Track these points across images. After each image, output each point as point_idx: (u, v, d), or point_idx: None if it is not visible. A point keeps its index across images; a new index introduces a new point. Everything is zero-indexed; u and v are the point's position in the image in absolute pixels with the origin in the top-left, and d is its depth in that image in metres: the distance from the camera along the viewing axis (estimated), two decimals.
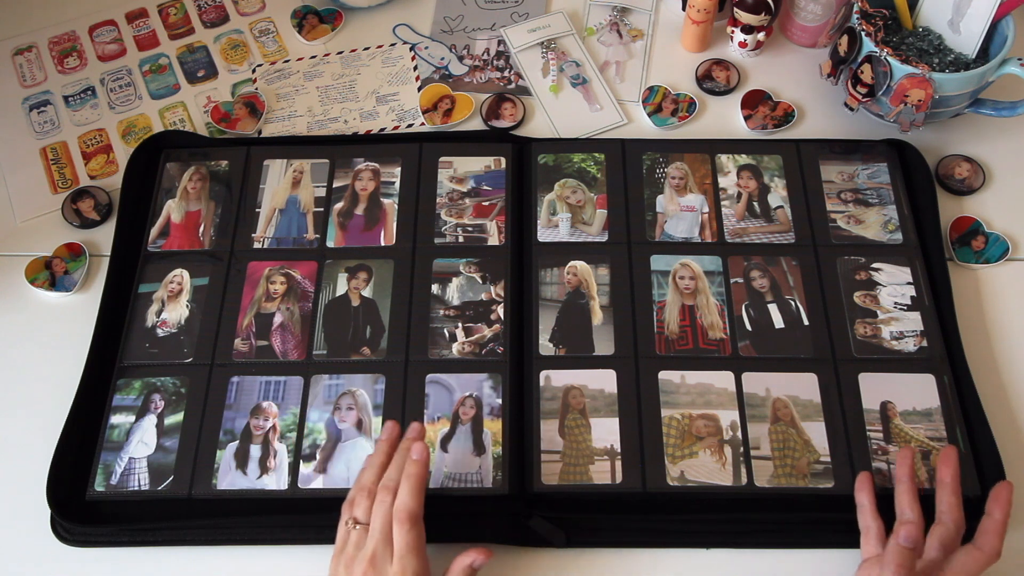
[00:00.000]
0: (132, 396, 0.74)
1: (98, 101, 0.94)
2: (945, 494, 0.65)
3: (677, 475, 0.70)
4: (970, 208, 0.85)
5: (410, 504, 0.62)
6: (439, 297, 0.78)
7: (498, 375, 0.74)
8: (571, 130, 0.90)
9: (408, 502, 0.62)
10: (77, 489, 0.70)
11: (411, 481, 0.63)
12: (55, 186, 0.89)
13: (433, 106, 0.92)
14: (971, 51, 0.84)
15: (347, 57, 0.96)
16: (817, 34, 0.94)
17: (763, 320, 0.77)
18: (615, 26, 0.98)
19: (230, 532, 0.69)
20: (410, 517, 0.62)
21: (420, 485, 0.63)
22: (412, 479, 0.63)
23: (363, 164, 0.86)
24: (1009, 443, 0.72)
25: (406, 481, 0.63)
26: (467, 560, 0.63)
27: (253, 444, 0.72)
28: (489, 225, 0.82)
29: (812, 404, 0.73)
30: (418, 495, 0.63)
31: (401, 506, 0.62)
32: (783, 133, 0.90)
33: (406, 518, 0.62)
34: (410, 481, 0.63)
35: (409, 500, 0.62)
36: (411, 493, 0.62)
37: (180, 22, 1.00)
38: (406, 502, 0.62)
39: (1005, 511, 0.63)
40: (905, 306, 0.77)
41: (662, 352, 0.75)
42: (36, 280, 0.82)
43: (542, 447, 0.71)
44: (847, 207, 0.83)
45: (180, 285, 0.79)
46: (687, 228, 0.82)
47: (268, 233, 0.82)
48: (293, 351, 0.76)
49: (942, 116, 0.86)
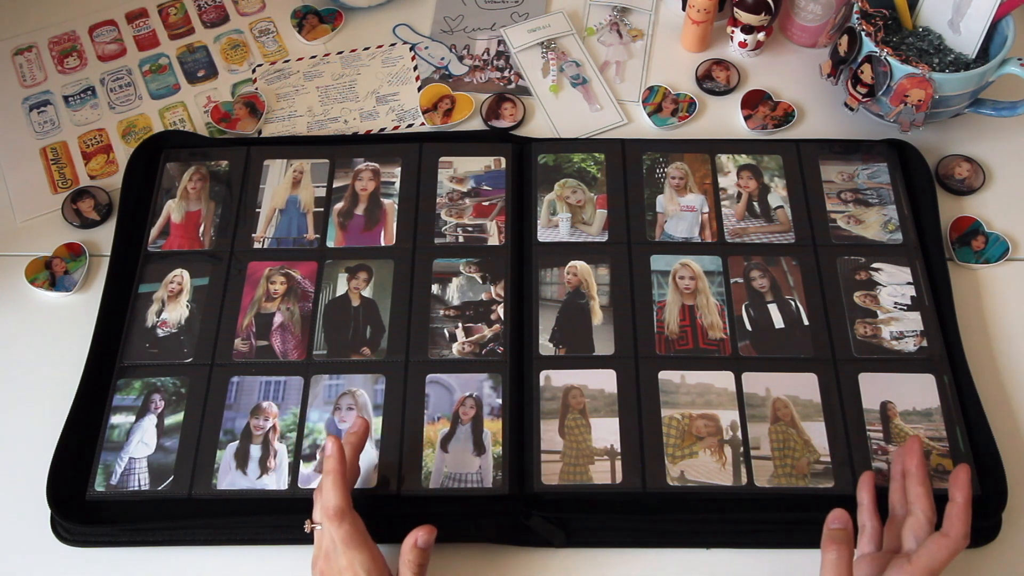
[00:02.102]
0: (132, 396, 0.74)
1: (98, 101, 0.94)
2: (912, 484, 0.64)
3: (677, 475, 0.70)
4: (970, 208, 0.85)
5: (332, 500, 0.62)
6: (439, 297, 0.78)
7: (498, 375, 0.74)
8: (571, 130, 0.90)
9: (329, 498, 0.62)
10: (77, 489, 0.70)
11: (328, 477, 0.63)
12: (55, 186, 0.89)
13: (433, 106, 0.92)
14: (971, 51, 0.84)
15: (347, 57, 0.96)
16: (817, 34, 0.94)
17: (763, 320, 0.77)
18: (615, 26, 0.98)
19: (230, 532, 0.69)
20: (336, 513, 0.61)
21: (338, 479, 0.63)
22: (329, 475, 0.63)
23: (363, 164, 0.86)
24: (1009, 443, 0.72)
25: (324, 479, 0.63)
26: (411, 540, 0.63)
27: (253, 444, 0.72)
28: (489, 225, 0.82)
29: (812, 404, 0.73)
30: (337, 490, 0.62)
31: (326, 504, 0.62)
32: (783, 133, 0.90)
33: (333, 515, 0.61)
34: (328, 478, 0.63)
35: (329, 496, 0.62)
36: (330, 489, 0.62)
37: (180, 22, 1.00)
38: (328, 499, 0.62)
39: (966, 494, 0.62)
40: (905, 306, 0.77)
41: (662, 352, 0.75)
42: (36, 280, 0.82)
43: (542, 447, 0.71)
44: (847, 207, 0.83)
45: (180, 285, 0.79)
46: (687, 228, 0.82)
47: (268, 233, 0.82)
48: (293, 351, 0.76)
49: (942, 116, 0.86)
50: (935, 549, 0.60)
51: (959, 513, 0.61)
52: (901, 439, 0.71)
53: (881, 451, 0.71)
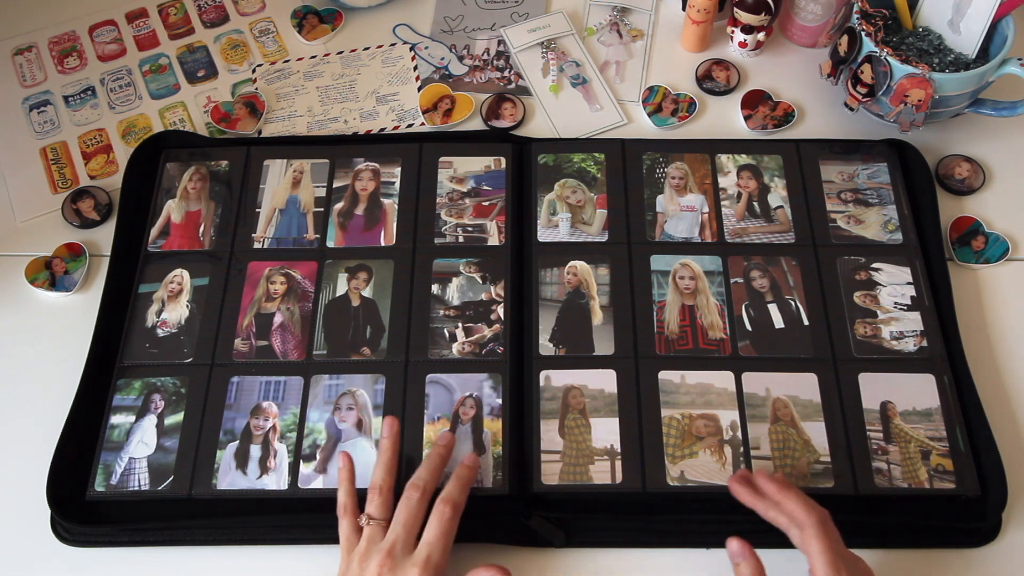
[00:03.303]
0: (132, 396, 0.74)
1: (98, 101, 0.94)
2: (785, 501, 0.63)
3: (677, 475, 0.70)
4: (970, 208, 0.85)
5: (456, 494, 0.65)
6: (439, 297, 0.78)
7: (498, 375, 0.74)
8: (571, 130, 0.90)
9: (455, 492, 0.65)
10: (77, 489, 0.70)
11: (462, 480, 0.66)
12: (55, 186, 0.89)
13: (433, 106, 0.92)
14: (971, 51, 0.84)
15: (347, 57, 0.96)
16: (817, 34, 0.94)
17: (763, 320, 0.77)
18: (615, 26, 0.98)
19: (230, 532, 0.69)
20: (454, 504, 0.64)
21: (468, 484, 0.66)
22: (463, 478, 0.66)
23: (363, 164, 0.86)
24: (1009, 443, 0.72)
25: (457, 479, 0.66)
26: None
27: (253, 444, 0.72)
28: (489, 225, 0.82)
29: (812, 404, 0.73)
30: (465, 491, 0.65)
31: (448, 494, 0.64)
32: (783, 133, 0.90)
33: (450, 503, 0.64)
34: (461, 479, 0.66)
35: (456, 491, 0.65)
36: (460, 487, 0.65)
37: (180, 22, 1.00)
38: (453, 492, 0.65)
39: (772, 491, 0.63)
40: (905, 306, 0.77)
41: (662, 352, 0.75)
42: (36, 280, 0.82)
43: (542, 447, 0.71)
44: (847, 207, 0.83)
45: (180, 285, 0.79)
46: (687, 228, 0.82)
47: (268, 233, 0.82)
48: (293, 351, 0.76)
49: (942, 116, 0.86)
50: (811, 547, 0.59)
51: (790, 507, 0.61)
52: (901, 439, 0.71)
53: (881, 451, 0.71)
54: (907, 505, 0.69)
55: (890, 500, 0.69)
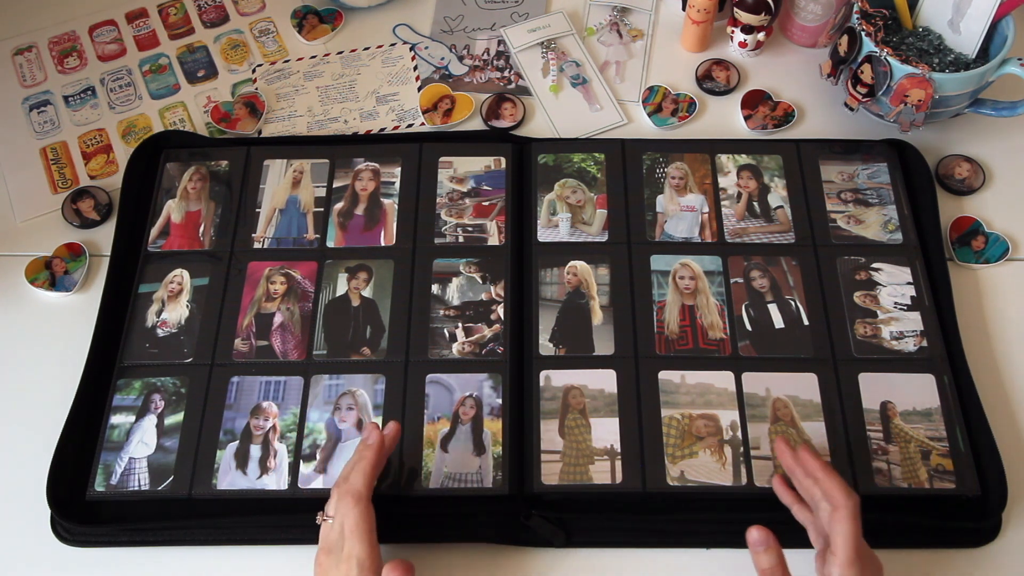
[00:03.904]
0: (132, 396, 0.74)
1: (98, 101, 0.94)
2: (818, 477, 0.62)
3: (677, 475, 0.70)
4: (970, 208, 0.85)
5: (355, 483, 0.62)
6: (439, 297, 0.78)
7: (498, 375, 0.74)
8: (571, 130, 0.90)
9: (353, 481, 0.62)
10: (77, 489, 0.70)
11: (361, 463, 0.63)
12: (55, 186, 0.89)
13: (433, 106, 0.92)
14: (971, 51, 0.84)
15: (347, 57, 0.96)
16: (817, 34, 0.94)
17: (763, 320, 0.77)
18: (615, 26, 0.98)
19: (230, 532, 0.69)
20: (352, 495, 0.62)
21: (369, 467, 0.63)
22: (362, 461, 0.64)
23: (363, 164, 0.86)
24: (1009, 443, 0.72)
25: (356, 463, 0.64)
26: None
27: (253, 444, 0.72)
28: (489, 225, 0.82)
29: (812, 404, 0.73)
30: (364, 476, 0.63)
31: (347, 486, 0.62)
32: (783, 133, 0.90)
33: (348, 496, 0.62)
34: (360, 463, 0.63)
35: (355, 479, 0.62)
36: (359, 472, 0.63)
37: (180, 22, 1.00)
38: (351, 481, 0.62)
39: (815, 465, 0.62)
40: (905, 306, 0.77)
41: (662, 352, 0.75)
42: (36, 280, 0.82)
43: (542, 447, 0.71)
44: (847, 207, 0.83)
45: (180, 285, 0.79)
46: (687, 228, 0.82)
47: (268, 233, 0.82)
48: (293, 351, 0.76)
49: (942, 116, 0.86)
50: (839, 528, 0.59)
51: (828, 485, 0.61)
52: (901, 439, 0.71)
53: (881, 451, 0.71)
54: (907, 505, 0.69)
55: (890, 500, 0.69)
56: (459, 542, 0.68)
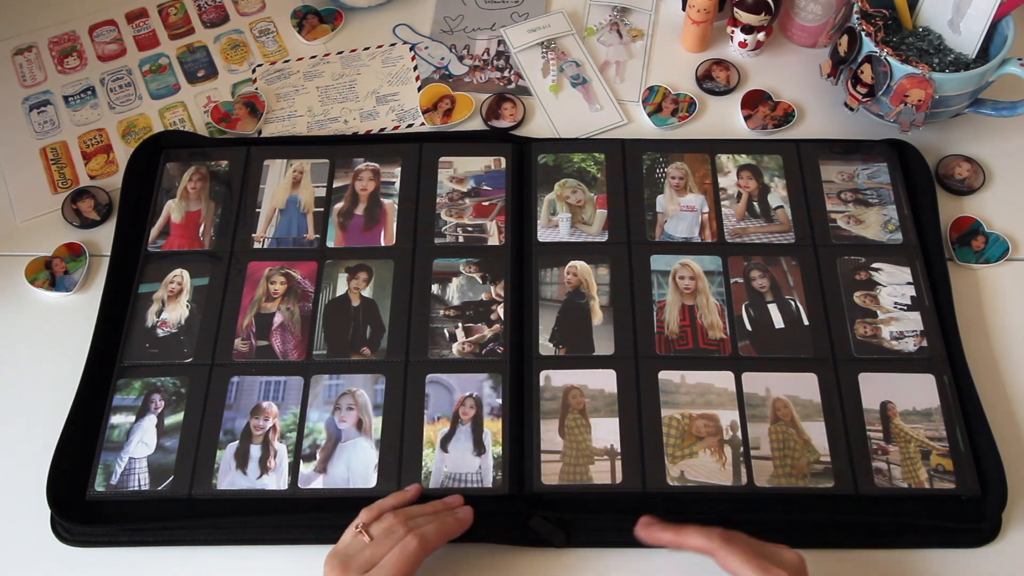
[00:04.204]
0: (132, 396, 0.74)
1: (98, 101, 0.94)
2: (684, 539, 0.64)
3: (677, 475, 0.70)
4: (970, 208, 0.85)
5: (431, 533, 0.63)
6: (439, 297, 0.78)
7: (498, 375, 0.74)
8: (571, 130, 0.90)
9: (431, 531, 0.63)
10: (77, 489, 0.70)
11: (445, 525, 0.64)
12: (55, 186, 0.89)
13: (433, 106, 0.92)
14: (971, 51, 0.84)
15: (347, 57, 0.96)
16: (817, 34, 0.94)
17: (763, 320, 0.77)
18: (615, 26, 0.98)
19: (230, 532, 0.69)
20: (423, 540, 0.62)
21: (448, 533, 0.64)
22: (447, 524, 0.65)
23: (363, 164, 0.86)
24: (1009, 443, 0.72)
25: (441, 521, 0.64)
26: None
27: (253, 444, 0.72)
28: (489, 225, 0.82)
29: (812, 404, 0.73)
30: (440, 536, 0.64)
31: (424, 530, 0.63)
32: (783, 133, 0.90)
33: (419, 537, 0.62)
34: (444, 525, 0.64)
35: (432, 530, 0.63)
36: (438, 530, 0.64)
37: (180, 22, 1.00)
38: (430, 530, 0.63)
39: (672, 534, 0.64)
40: (905, 306, 0.77)
41: (662, 352, 0.75)
42: (36, 280, 0.82)
43: (542, 447, 0.71)
44: (847, 207, 0.83)
45: (180, 285, 0.79)
46: (687, 228, 0.82)
47: (268, 233, 0.82)
48: (293, 351, 0.76)
49: (942, 116, 0.86)
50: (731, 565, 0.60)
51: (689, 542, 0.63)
52: (901, 439, 0.71)
53: (881, 451, 0.71)
54: (907, 505, 0.69)
55: (890, 500, 0.69)
56: (459, 542, 0.68)
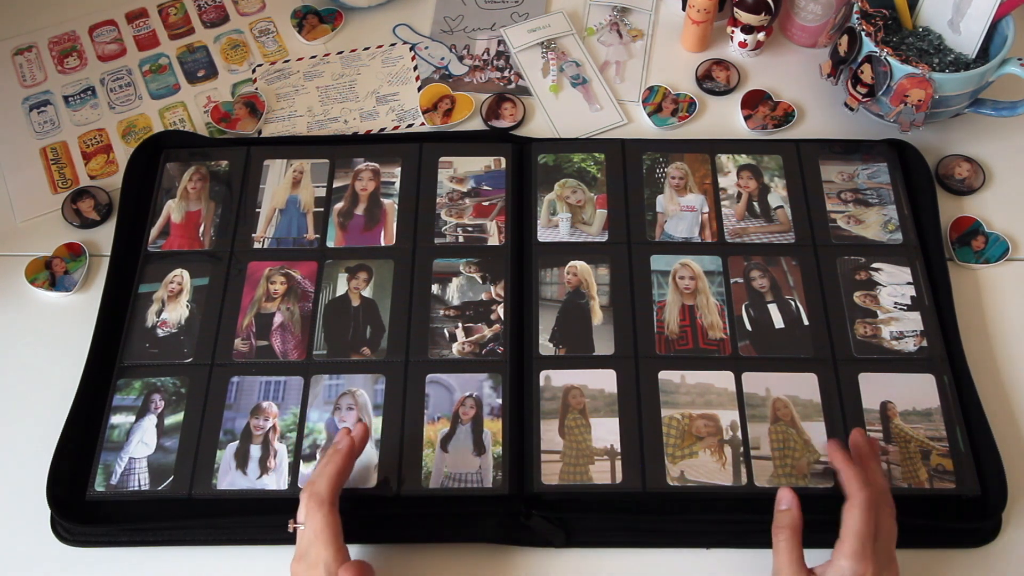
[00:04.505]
0: (132, 396, 0.74)
1: (98, 101, 0.94)
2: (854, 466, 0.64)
3: (677, 475, 0.70)
4: (970, 208, 0.85)
5: (320, 487, 0.62)
6: (439, 297, 0.78)
7: (498, 375, 0.74)
8: (571, 130, 0.90)
9: (319, 485, 0.62)
10: (77, 489, 0.70)
11: (328, 467, 0.63)
12: (55, 186, 0.89)
13: (433, 106, 0.92)
14: (971, 51, 0.84)
15: (347, 57, 0.96)
16: (817, 34, 0.94)
17: (763, 320, 0.77)
18: (615, 26, 0.98)
19: (230, 532, 0.69)
20: (316, 499, 0.62)
21: (335, 472, 0.63)
22: (329, 465, 0.64)
23: (363, 164, 0.86)
24: (1009, 443, 0.72)
25: (324, 467, 0.64)
26: None
27: (253, 444, 0.72)
28: (489, 225, 0.82)
29: (812, 404, 0.73)
30: (330, 481, 0.63)
31: (313, 490, 0.62)
32: (783, 133, 0.90)
33: (312, 500, 0.62)
34: (328, 467, 0.63)
35: (320, 484, 0.62)
36: (325, 478, 0.63)
37: (180, 22, 1.00)
38: (316, 486, 0.62)
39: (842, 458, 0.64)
40: (905, 306, 0.77)
41: (662, 352, 0.75)
42: (36, 280, 0.82)
43: (542, 447, 0.71)
44: (847, 207, 0.83)
45: (180, 285, 0.79)
46: (687, 228, 0.82)
47: (268, 233, 0.82)
48: (293, 351, 0.76)
49: (942, 116, 0.86)
50: (849, 519, 0.60)
51: (846, 478, 0.62)
52: (901, 439, 0.71)
53: (881, 451, 0.70)
54: (907, 505, 0.69)
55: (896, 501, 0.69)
56: (459, 542, 0.68)
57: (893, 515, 0.63)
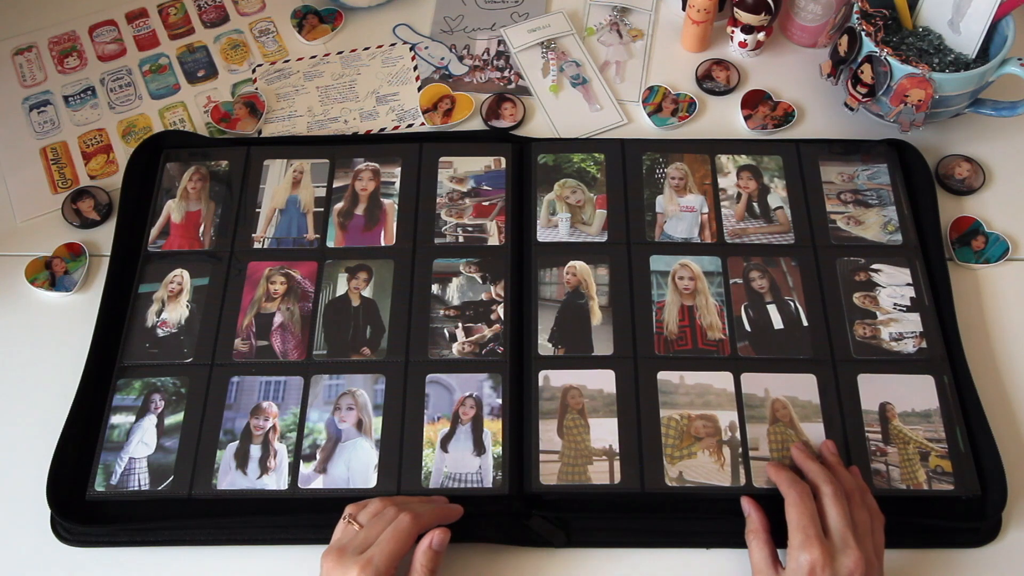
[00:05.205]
0: (132, 396, 0.74)
1: (98, 101, 0.94)
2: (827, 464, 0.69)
3: (675, 475, 0.70)
4: (970, 208, 0.85)
5: (425, 513, 0.64)
6: (439, 297, 0.78)
7: (498, 375, 0.74)
8: (571, 130, 0.90)
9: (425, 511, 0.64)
10: (77, 489, 0.70)
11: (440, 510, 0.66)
12: (55, 186, 0.89)
13: (433, 106, 0.92)
14: (971, 51, 0.84)
15: (347, 57, 0.96)
16: (817, 34, 0.94)
17: (762, 321, 0.77)
18: (615, 26, 0.98)
19: (230, 532, 0.69)
20: (416, 517, 0.63)
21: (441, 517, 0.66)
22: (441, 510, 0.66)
23: (363, 164, 0.86)
24: (1009, 443, 0.72)
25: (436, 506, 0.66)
26: (425, 542, 0.64)
27: (253, 444, 0.72)
28: (489, 225, 0.82)
29: (811, 405, 0.73)
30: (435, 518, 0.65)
31: (416, 508, 0.64)
32: (783, 133, 0.90)
33: (412, 514, 0.63)
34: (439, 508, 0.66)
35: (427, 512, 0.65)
36: (433, 512, 0.65)
37: (180, 22, 1.00)
38: (424, 510, 0.64)
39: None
40: (904, 307, 0.77)
41: (661, 352, 0.75)
42: (36, 280, 0.82)
43: (541, 447, 0.71)
44: (847, 208, 0.83)
45: (180, 285, 0.80)
46: (687, 228, 0.82)
47: (268, 233, 0.82)
48: (293, 351, 0.76)
49: (942, 116, 0.86)
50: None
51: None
52: (900, 440, 0.71)
53: (880, 452, 0.71)
54: (907, 505, 0.69)
55: (890, 500, 0.69)
56: (459, 542, 0.68)
57: (868, 507, 0.65)
